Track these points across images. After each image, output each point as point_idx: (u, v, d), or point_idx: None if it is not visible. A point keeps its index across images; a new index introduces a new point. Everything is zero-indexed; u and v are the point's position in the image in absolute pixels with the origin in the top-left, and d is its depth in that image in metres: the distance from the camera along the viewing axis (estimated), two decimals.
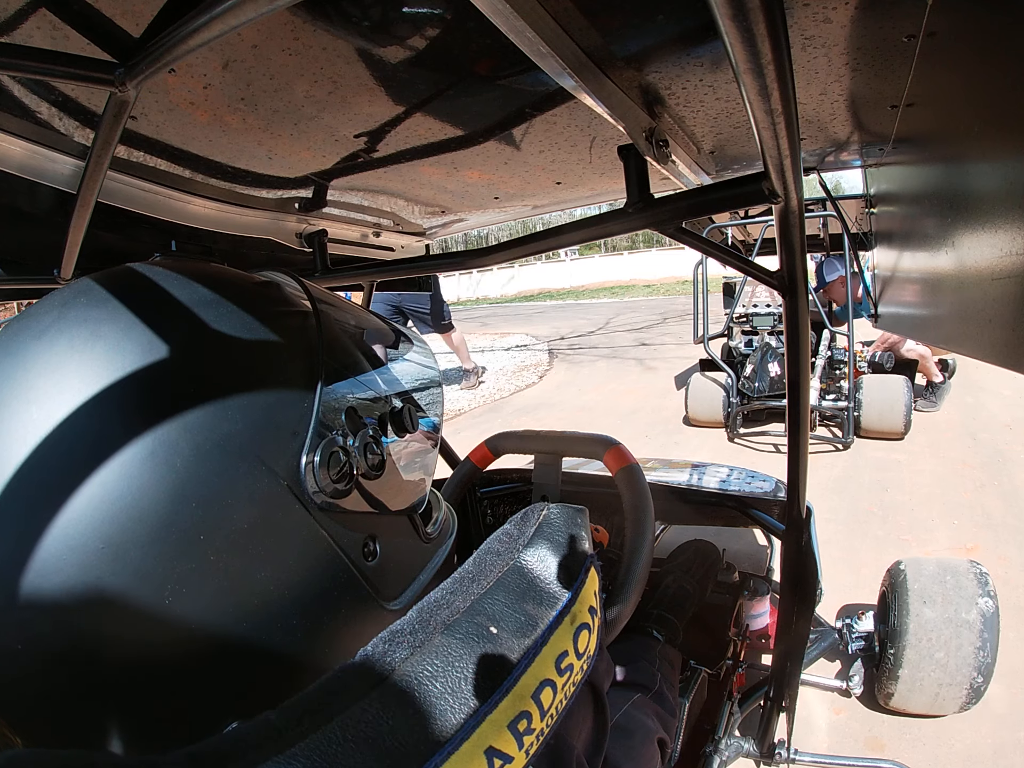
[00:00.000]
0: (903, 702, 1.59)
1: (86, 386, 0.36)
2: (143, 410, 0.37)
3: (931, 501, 2.94)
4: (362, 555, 0.45)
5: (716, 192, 0.68)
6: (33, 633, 0.34)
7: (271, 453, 0.39)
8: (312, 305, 0.49)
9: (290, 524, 0.40)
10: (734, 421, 4.09)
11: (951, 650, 1.50)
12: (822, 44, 0.57)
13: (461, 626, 0.38)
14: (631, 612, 0.83)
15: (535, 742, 0.36)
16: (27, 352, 0.38)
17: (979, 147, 0.53)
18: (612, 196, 1.16)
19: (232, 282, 0.47)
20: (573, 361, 7.61)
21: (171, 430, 0.36)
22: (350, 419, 0.45)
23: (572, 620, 0.42)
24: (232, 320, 0.42)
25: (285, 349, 0.44)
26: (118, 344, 0.38)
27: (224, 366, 0.40)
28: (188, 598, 0.35)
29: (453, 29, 0.52)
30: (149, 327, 0.39)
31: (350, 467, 0.43)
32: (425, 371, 0.60)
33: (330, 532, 0.42)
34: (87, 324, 0.39)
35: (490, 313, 15.48)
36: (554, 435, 1.13)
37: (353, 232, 1.22)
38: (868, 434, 3.80)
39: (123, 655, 0.35)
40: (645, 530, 0.88)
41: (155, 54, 0.43)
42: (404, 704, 0.32)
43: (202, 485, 0.36)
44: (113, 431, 0.36)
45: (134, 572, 0.34)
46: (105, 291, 0.41)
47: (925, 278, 0.86)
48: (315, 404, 0.42)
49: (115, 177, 0.77)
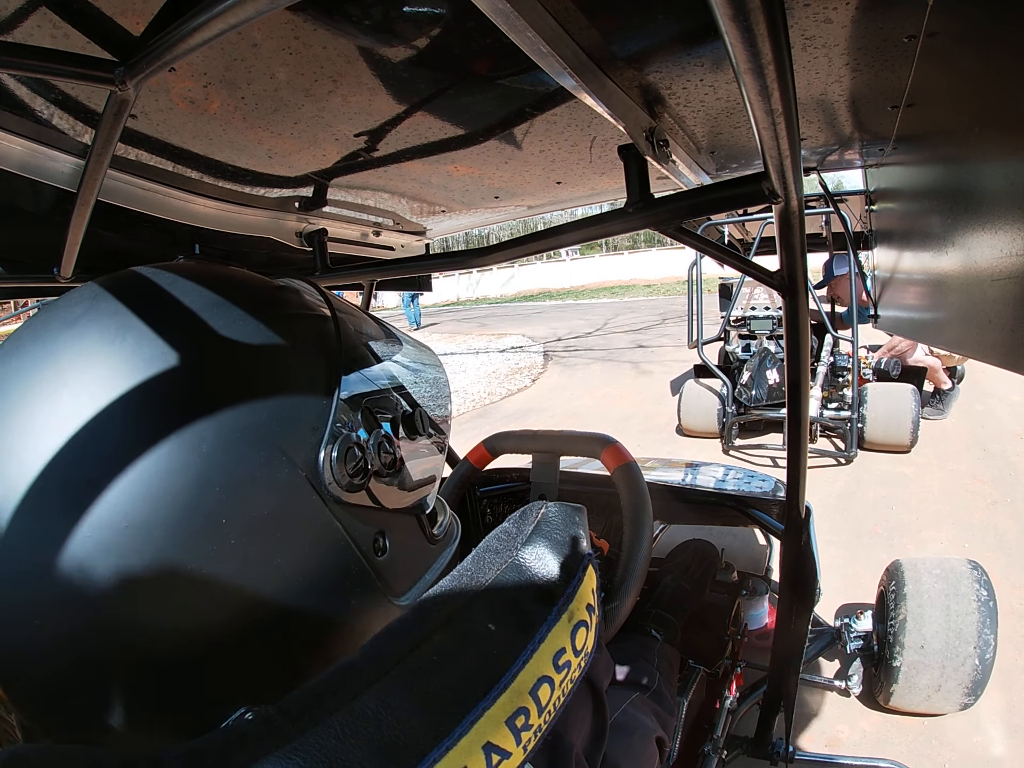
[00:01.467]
0: (901, 701, 1.60)
1: (115, 375, 0.37)
2: (170, 399, 0.38)
3: (940, 521, 2.79)
4: (372, 549, 0.46)
5: (716, 192, 0.68)
6: (54, 612, 0.35)
7: (292, 444, 0.41)
8: (331, 310, 0.50)
9: (307, 512, 0.41)
10: (729, 432, 3.87)
11: (949, 649, 1.51)
12: (822, 44, 0.57)
13: (460, 623, 0.38)
14: (630, 609, 0.83)
15: (533, 738, 0.37)
16: (58, 340, 0.39)
17: (979, 148, 0.53)
18: (612, 196, 1.16)
19: (255, 285, 0.49)
20: (567, 364, 7.59)
21: (198, 419, 0.37)
22: (366, 418, 0.47)
23: (570, 617, 0.42)
24: (257, 320, 0.44)
25: (307, 349, 0.46)
26: (148, 337, 0.39)
27: (249, 363, 0.42)
28: (209, 580, 0.36)
29: (453, 28, 0.52)
30: (180, 324, 0.41)
31: (365, 463, 0.44)
32: (434, 378, 0.61)
33: (344, 524, 0.43)
34: (118, 316, 0.40)
35: (489, 313, 15.47)
36: (551, 434, 1.13)
37: (353, 231, 1.22)
38: (872, 447, 3.61)
39: (140, 638, 0.35)
40: (643, 527, 0.89)
41: (155, 53, 0.43)
42: (402, 700, 0.33)
43: (226, 471, 0.37)
44: (142, 418, 0.37)
45: (157, 552, 0.35)
46: (136, 287, 0.43)
47: (925, 279, 0.86)
48: (334, 402, 0.44)
49: (115, 176, 0.77)
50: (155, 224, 0.92)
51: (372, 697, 0.32)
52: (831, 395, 3.80)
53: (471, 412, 5.83)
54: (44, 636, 0.35)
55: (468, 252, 0.96)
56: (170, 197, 0.86)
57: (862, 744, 1.60)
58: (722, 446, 3.98)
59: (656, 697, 1.01)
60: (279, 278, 0.55)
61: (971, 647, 1.50)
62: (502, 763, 0.34)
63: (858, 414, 3.52)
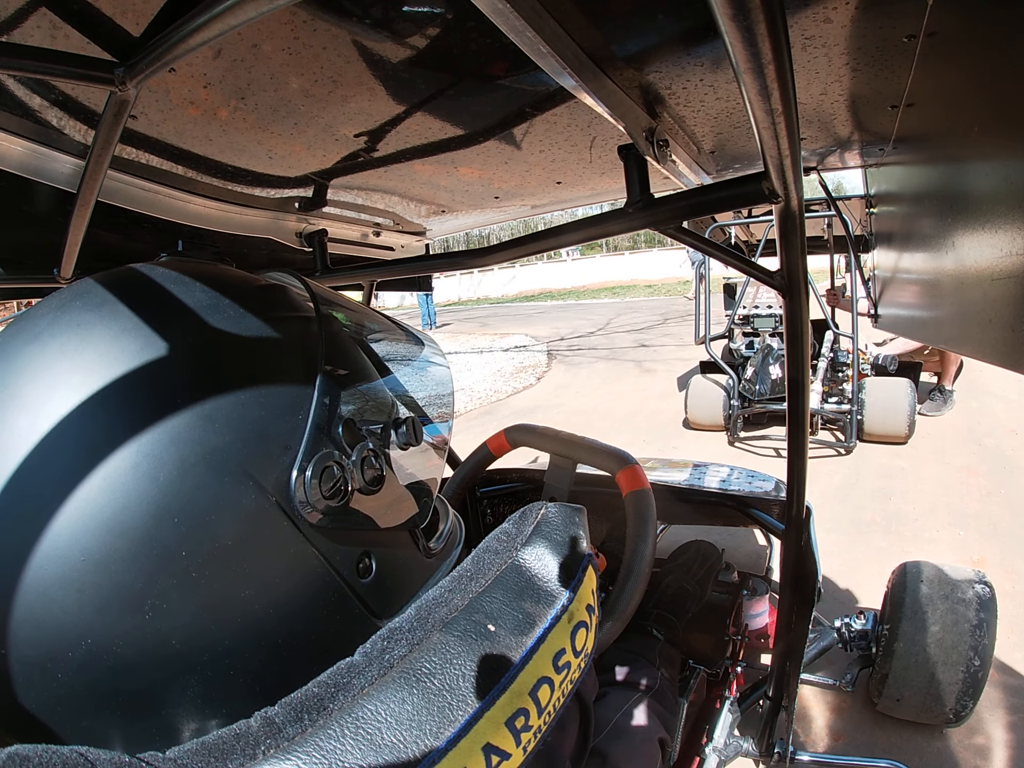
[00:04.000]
0: (893, 707, 1.59)
1: (73, 394, 0.36)
2: (129, 421, 0.36)
3: (936, 511, 2.89)
4: (356, 572, 0.43)
5: (716, 192, 0.68)
6: (13, 643, 0.34)
7: (260, 467, 0.38)
8: (316, 310, 0.47)
9: (277, 542, 0.38)
10: (734, 424, 4.06)
11: (945, 659, 1.49)
12: (822, 44, 0.57)
13: (459, 624, 0.38)
14: (617, 632, 0.83)
15: (532, 739, 0.37)
16: (19, 357, 0.38)
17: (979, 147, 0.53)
18: (612, 196, 1.16)
19: (232, 284, 0.45)
20: (571, 363, 7.60)
21: (156, 442, 0.36)
22: (348, 431, 0.43)
23: (570, 618, 0.42)
24: (227, 326, 0.41)
25: (282, 357, 0.43)
26: (108, 352, 0.37)
27: (214, 375, 0.39)
28: (169, 614, 0.34)
29: (453, 28, 0.52)
30: (141, 334, 0.38)
31: (345, 482, 0.41)
32: (435, 377, 0.58)
33: (321, 549, 0.40)
34: (79, 328, 0.38)
35: (491, 313, 15.48)
36: (573, 439, 1.11)
37: (353, 231, 1.22)
38: (871, 438, 3.76)
39: (99, 669, 0.34)
40: (641, 560, 0.88)
41: (155, 53, 0.43)
42: (402, 701, 0.32)
43: (185, 500, 0.35)
44: (98, 442, 0.35)
45: (114, 586, 0.34)
46: (101, 294, 0.41)
47: (925, 278, 0.86)
48: (310, 416, 0.41)
49: (115, 176, 0.77)
50: (155, 225, 0.92)
51: (372, 698, 0.32)
52: (831, 389, 3.95)
53: (478, 409, 5.84)
54: (9, 663, 0.34)
55: (468, 252, 0.96)
56: (170, 198, 0.86)
57: (864, 745, 1.60)
58: (727, 438, 4.13)
59: (658, 697, 1.01)
60: (267, 273, 0.53)
61: (967, 659, 1.48)
62: (502, 764, 0.34)
63: (857, 407, 3.69)
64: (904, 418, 3.60)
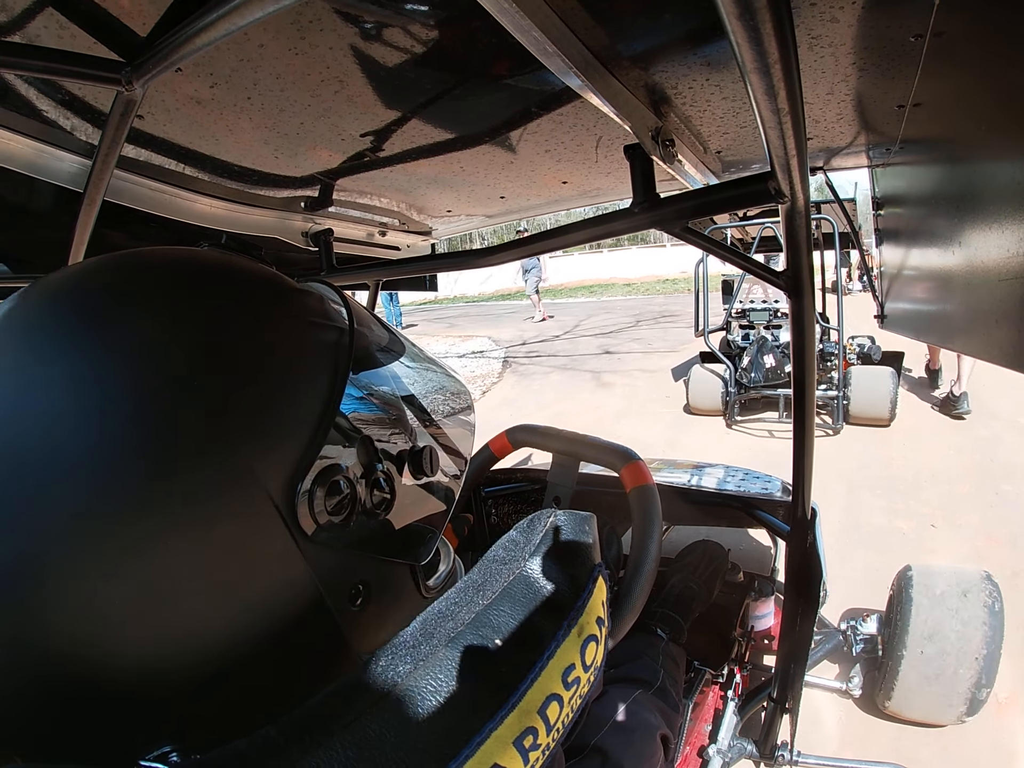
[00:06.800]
0: (899, 708, 1.58)
1: (79, 375, 0.33)
2: (132, 401, 0.33)
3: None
4: (348, 599, 0.40)
5: (722, 192, 0.67)
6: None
7: (267, 470, 0.36)
8: (349, 320, 0.46)
9: (271, 549, 0.36)
10: (731, 409, 4.39)
11: (951, 661, 1.48)
12: (829, 43, 0.57)
13: (466, 639, 0.36)
14: (621, 635, 0.82)
15: (541, 757, 0.35)
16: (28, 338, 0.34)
17: (986, 147, 0.52)
18: (618, 195, 1.16)
19: (267, 283, 0.44)
20: (525, 372, 6.92)
21: (157, 424, 0.33)
22: (363, 449, 0.42)
23: (580, 632, 0.41)
24: (258, 324, 0.40)
25: (305, 360, 0.41)
26: (129, 334, 0.35)
27: (231, 366, 0.37)
28: (143, 612, 0.32)
29: (459, 29, 0.52)
30: (161, 316, 0.36)
31: (350, 500, 0.40)
32: (459, 413, 0.56)
33: (315, 567, 0.38)
34: (103, 302, 0.36)
35: (462, 313, 14.85)
36: (576, 438, 1.11)
37: (359, 231, 1.22)
38: (856, 421, 4.06)
39: (67, 676, 0.32)
40: (647, 557, 0.88)
41: (162, 53, 0.43)
42: (407, 720, 0.31)
43: (180, 484, 0.33)
44: (98, 417, 0.33)
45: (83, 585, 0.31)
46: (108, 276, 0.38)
47: (932, 279, 0.86)
48: (328, 428, 0.39)
49: (122, 176, 0.77)
50: (162, 224, 0.92)
51: (375, 718, 0.31)
52: (820, 377, 4.23)
53: None
54: None
55: (473, 252, 0.96)
56: (176, 197, 0.86)
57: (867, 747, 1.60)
58: (725, 422, 4.45)
59: (660, 694, 1.01)
60: (305, 281, 0.51)
61: (974, 661, 1.47)
62: None
63: (843, 393, 4.02)
64: (887, 403, 3.92)
